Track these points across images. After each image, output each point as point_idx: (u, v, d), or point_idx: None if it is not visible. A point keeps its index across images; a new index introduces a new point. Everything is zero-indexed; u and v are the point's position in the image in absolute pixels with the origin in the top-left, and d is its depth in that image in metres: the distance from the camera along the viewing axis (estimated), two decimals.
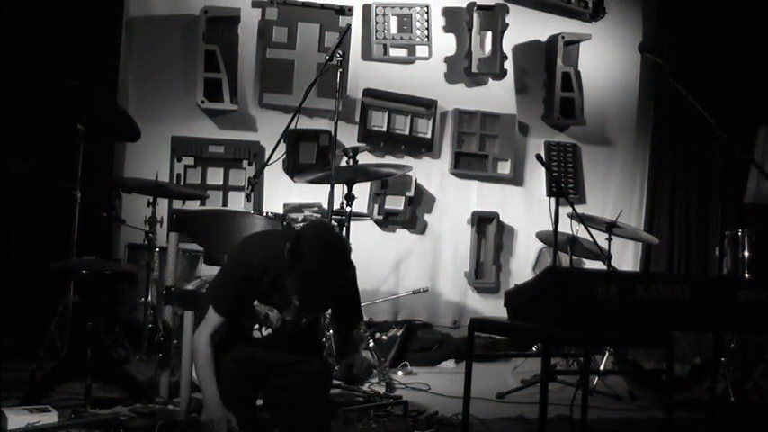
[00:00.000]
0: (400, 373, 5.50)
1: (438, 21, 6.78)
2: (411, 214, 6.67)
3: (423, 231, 6.75)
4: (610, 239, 5.42)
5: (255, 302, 3.22)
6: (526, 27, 7.00)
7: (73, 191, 4.52)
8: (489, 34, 6.81)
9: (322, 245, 2.99)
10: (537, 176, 7.03)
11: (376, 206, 6.54)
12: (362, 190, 6.28)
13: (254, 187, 4.95)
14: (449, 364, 6.01)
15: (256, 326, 3.27)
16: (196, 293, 3.96)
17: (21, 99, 5.50)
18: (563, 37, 7.00)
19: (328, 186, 4.76)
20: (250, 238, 3.42)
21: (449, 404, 4.43)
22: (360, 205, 5.87)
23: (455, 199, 6.83)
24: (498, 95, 6.94)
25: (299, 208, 5.85)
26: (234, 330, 3.28)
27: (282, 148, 5.45)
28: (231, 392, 3.23)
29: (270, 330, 3.25)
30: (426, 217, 6.77)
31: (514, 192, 7.01)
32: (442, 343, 6.15)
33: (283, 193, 6.27)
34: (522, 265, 6.95)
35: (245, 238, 3.43)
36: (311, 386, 3.29)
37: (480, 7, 6.75)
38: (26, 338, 4.98)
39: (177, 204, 5.70)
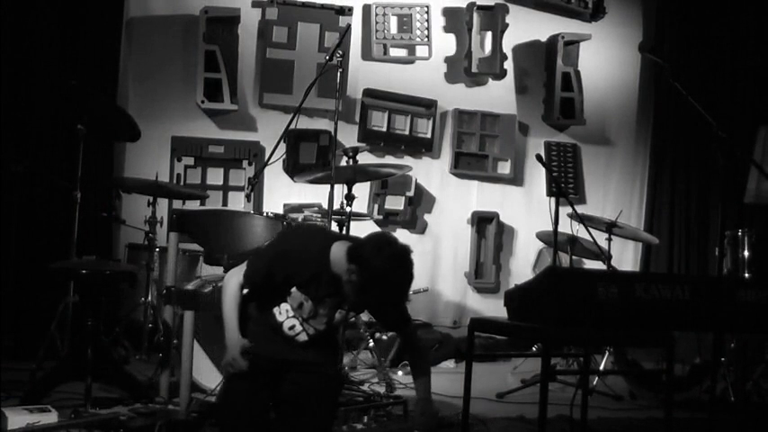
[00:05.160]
0: (400, 373, 5.49)
1: (438, 21, 6.78)
2: (411, 214, 6.67)
3: (423, 231, 6.75)
4: (610, 239, 5.42)
5: (294, 289, 3.24)
6: (526, 27, 7.01)
7: (73, 191, 4.51)
8: (489, 34, 6.81)
9: (392, 249, 3.10)
10: (537, 176, 7.03)
11: (376, 206, 6.54)
12: (362, 190, 6.28)
13: (254, 187, 4.95)
14: (449, 364, 6.01)
15: (290, 313, 3.28)
16: (196, 293, 3.95)
17: (21, 99, 5.51)
18: (563, 37, 7.01)
19: (328, 186, 4.75)
20: (304, 229, 3.76)
21: (449, 404, 4.43)
22: (360, 205, 5.86)
23: (455, 199, 6.83)
24: (498, 95, 6.94)
25: (299, 208, 5.85)
26: (263, 319, 3.31)
27: (282, 148, 5.45)
28: (248, 390, 3.23)
29: (299, 319, 3.27)
30: (426, 217, 6.77)
31: (514, 192, 7.01)
32: (442, 343, 6.15)
33: (283, 192, 6.28)
34: (522, 265, 6.96)
35: (301, 226, 3.78)
36: (320, 389, 3.29)
37: (480, 7, 6.76)
38: (26, 338, 4.98)
39: (177, 204, 5.70)
